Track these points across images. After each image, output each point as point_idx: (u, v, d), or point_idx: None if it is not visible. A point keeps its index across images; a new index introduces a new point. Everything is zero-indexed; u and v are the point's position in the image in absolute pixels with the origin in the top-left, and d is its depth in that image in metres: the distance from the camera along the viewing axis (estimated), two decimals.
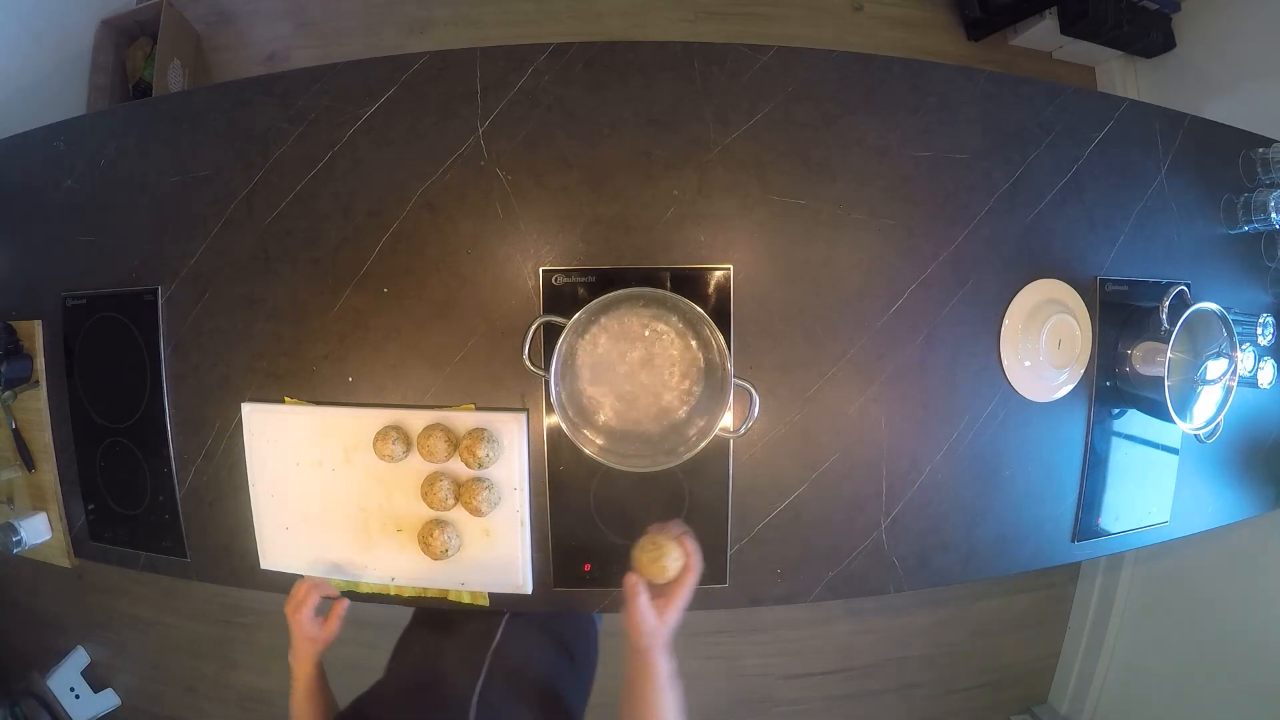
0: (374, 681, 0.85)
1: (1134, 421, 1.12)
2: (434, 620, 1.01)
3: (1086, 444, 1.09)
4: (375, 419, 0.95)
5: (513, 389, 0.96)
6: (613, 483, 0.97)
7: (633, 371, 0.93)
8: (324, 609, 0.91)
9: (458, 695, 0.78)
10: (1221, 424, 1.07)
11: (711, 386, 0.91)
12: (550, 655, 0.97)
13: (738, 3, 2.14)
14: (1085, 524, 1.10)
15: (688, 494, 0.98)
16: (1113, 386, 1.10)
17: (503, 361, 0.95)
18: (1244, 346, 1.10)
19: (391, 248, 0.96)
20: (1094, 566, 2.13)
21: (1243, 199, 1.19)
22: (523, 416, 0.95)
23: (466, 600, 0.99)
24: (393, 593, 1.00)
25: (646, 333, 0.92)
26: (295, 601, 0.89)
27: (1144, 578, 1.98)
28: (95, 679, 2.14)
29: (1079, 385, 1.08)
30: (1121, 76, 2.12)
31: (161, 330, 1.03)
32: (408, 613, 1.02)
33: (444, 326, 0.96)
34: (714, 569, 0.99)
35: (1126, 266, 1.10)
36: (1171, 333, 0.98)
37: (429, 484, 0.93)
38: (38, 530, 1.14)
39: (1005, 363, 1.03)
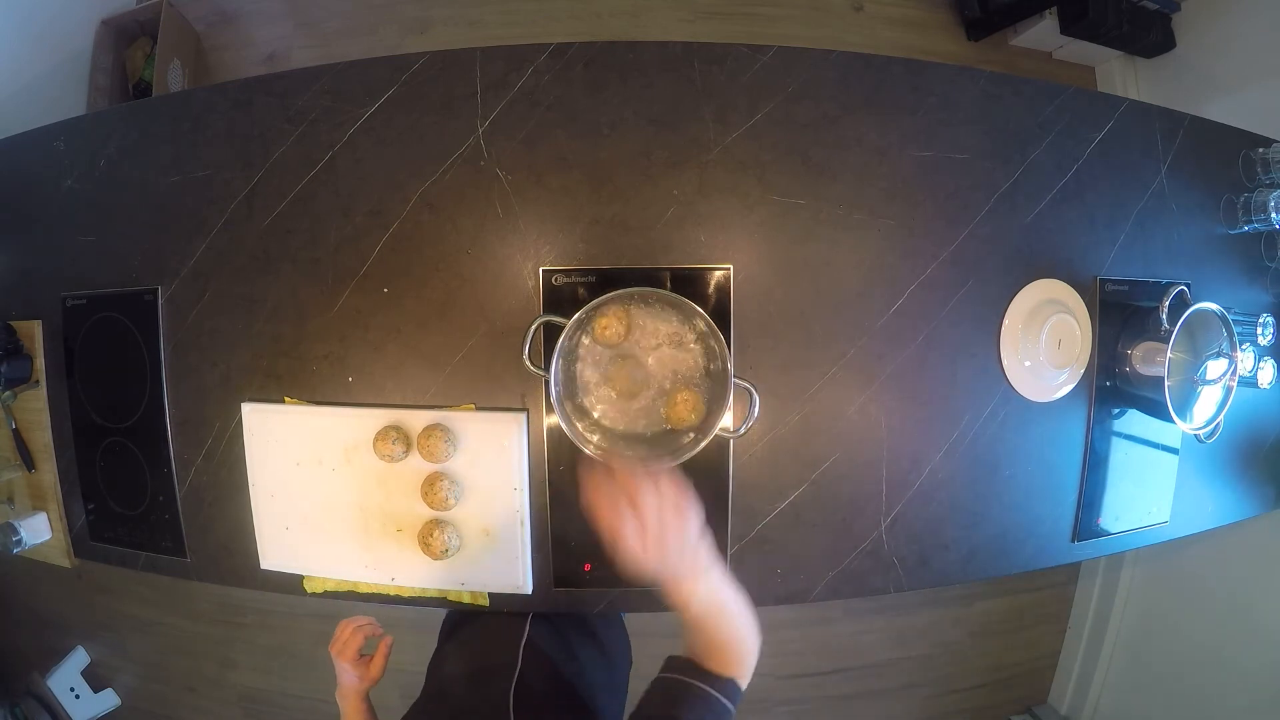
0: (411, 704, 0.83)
1: (1134, 421, 1.12)
2: (460, 630, 1.01)
3: (1086, 444, 1.09)
4: (375, 419, 0.95)
5: (513, 389, 0.96)
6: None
7: (633, 371, 0.92)
8: (369, 648, 0.91)
9: (492, 693, 0.77)
10: (1221, 424, 1.06)
11: (712, 386, 0.91)
12: (585, 649, 0.97)
13: (738, 3, 2.14)
14: (1085, 524, 1.10)
15: None
16: (1113, 386, 1.10)
17: (503, 361, 0.95)
18: (1244, 346, 1.10)
19: (391, 248, 0.96)
20: (1094, 566, 2.13)
21: (1243, 199, 1.19)
22: (523, 416, 0.95)
23: (466, 600, 0.99)
24: (393, 593, 1.00)
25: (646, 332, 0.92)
26: (340, 643, 0.89)
27: (1144, 578, 1.98)
28: (95, 679, 2.14)
29: (1079, 385, 1.07)
30: (1121, 76, 2.12)
31: (161, 330, 1.03)
32: (417, 613, 1.02)
33: (444, 326, 0.96)
34: None
35: (1126, 266, 1.10)
36: (1171, 333, 0.98)
37: (429, 484, 0.93)
38: (38, 530, 1.14)
39: (1005, 363, 1.03)
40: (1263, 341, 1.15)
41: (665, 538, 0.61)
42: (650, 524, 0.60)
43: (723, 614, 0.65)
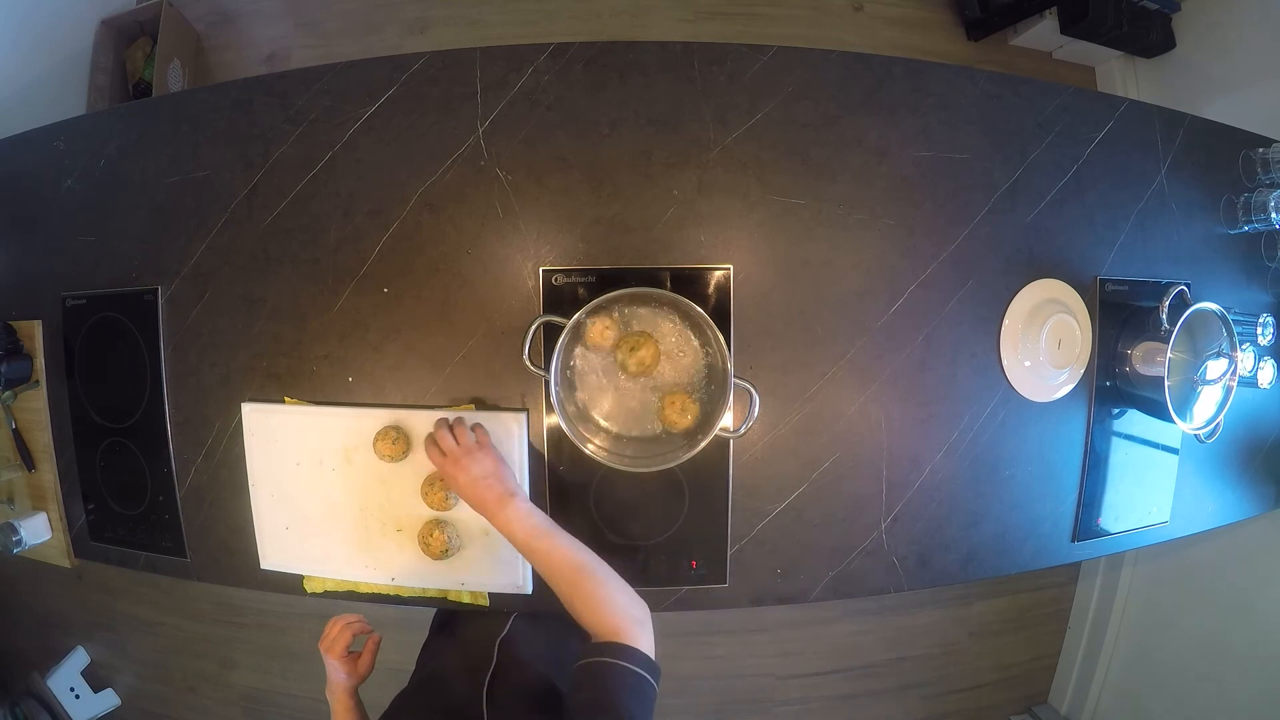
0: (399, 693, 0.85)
1: (1134, 421, 1.12)
2: (450, 624, 1.01)
3: (1086, 444, 1.09)
4: (375, 419, 0.95)
5: (513, 389, 0.96)
6: (613, 483, 0.97)
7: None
8: (358, 645, 0.92)
9: (468, 687, 0.78)
10: (1221, 424, 1.07)
11: (712, 386, 0.91)
12: (565, 645, 0.97)
13: (738, 3, 2.14)
14: (1085, 524, 1.10)
15: (688, 494, 0.98)
16: (1113, 386, 1.10)
17: (503, 361, 0.95)
18: (1244, 346, 1.10)
19: (391, 248, 0.96)
20: (1094, 566, 2.13)
21: (1243, 199, 1.19)
22: (523, 416, 0.95)
23: (466, 600, 0.99)
24: (393, 593, 1.00)
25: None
26: (329, 640, 0.89)
27: (1144, 577, 1.98)
28: (95, 679, 2.14)
29: (1079, 385, 1.07)
30: (1121, 76, 2.12)
31: (161, 330, 1.03)
32: (407, 611, 1.02)
33: (444, 326, 0.96)
34: (714, 569, 0.99)
35: (1126, 266, 1.10)
36: (1171, 333, 0.98)
37: (429, 484, 0.93)
38: (38, 530, 1.14)
39: (1005, 363, 1.03)
40: (1263, 341, 1.15)
41: (460, 459, 0.83)
42: (449, 447, 0.84)
43: (545, 536, 0.77)
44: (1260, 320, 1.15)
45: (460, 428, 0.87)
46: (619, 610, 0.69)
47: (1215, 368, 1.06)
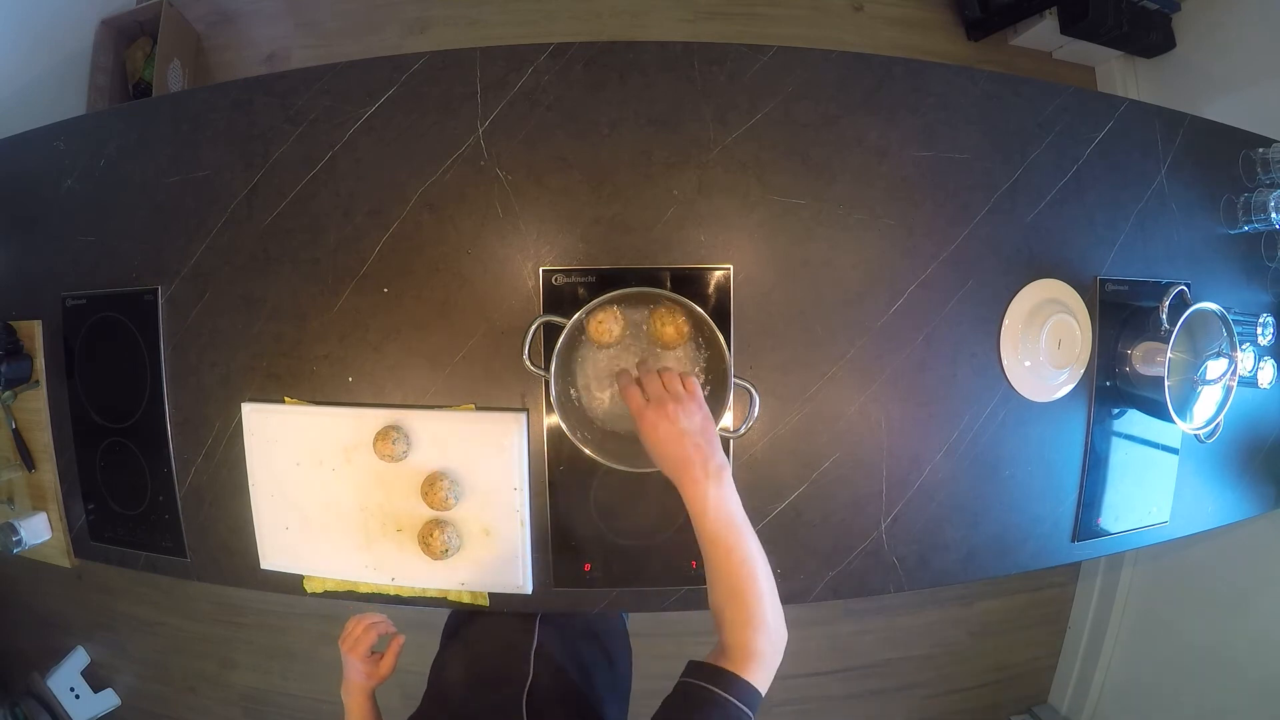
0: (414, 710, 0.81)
1: (1134, 421, 1.12)
2: (464, 633, 1.00)
3: (1086, 444, 1.09)
4: (375, 419, 0.95)
5: (513, 389, 0.96)
6: (612, 483, 0.97)
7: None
8: (380, 646, 0.91)
9: (502, 698, 0.77)
10: (1221, 424, 1.07)
11: (711, 386, 0.91)
12: (591, 655, 0.97)
13: (738, 3, 2.14)
14: (1085, 524, 1.10)
15: None
16: (1113, 386, 1.10)
17: (503, 361, 0.95)
18: (1244, 346, 1.10)
19: (391, 248, 0.96)
20: (1094, 566, 2.13)
21: (1243, 199, 1.19)
22: (523, 416, 0.95)
23: (466, 600, 0.99)
24: (393, 593, 1.00)
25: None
26: (352, 639, 0.88)
27: (1144, 577, 1.98)
28: (95, 679, 2.14)
29: (1079, 385, 1.07)
30: (1121, 76, 2.13)
31: (161, 330, 1.03)
32: (419, 614, 1.02)
33: (444, 326, 0.96)
34: None
35: (1126, 266, 1.10)
36: (1171, 333, 0.98)
37: (429, 484, 0.93)
38: (38, 530, 1.14)
39: (1005, 363, 1.03)
40: (1263, 341, 1.15)
41: (667, 404, 0.69)
42: (655, 391, 0.69)
43: (737, 531, 0.65)
44: (1260, 320, 1.15)
45: (669, 375, 0.73)
46: (756, 637, 0.63)
47: (1215, 368, 1.06)
